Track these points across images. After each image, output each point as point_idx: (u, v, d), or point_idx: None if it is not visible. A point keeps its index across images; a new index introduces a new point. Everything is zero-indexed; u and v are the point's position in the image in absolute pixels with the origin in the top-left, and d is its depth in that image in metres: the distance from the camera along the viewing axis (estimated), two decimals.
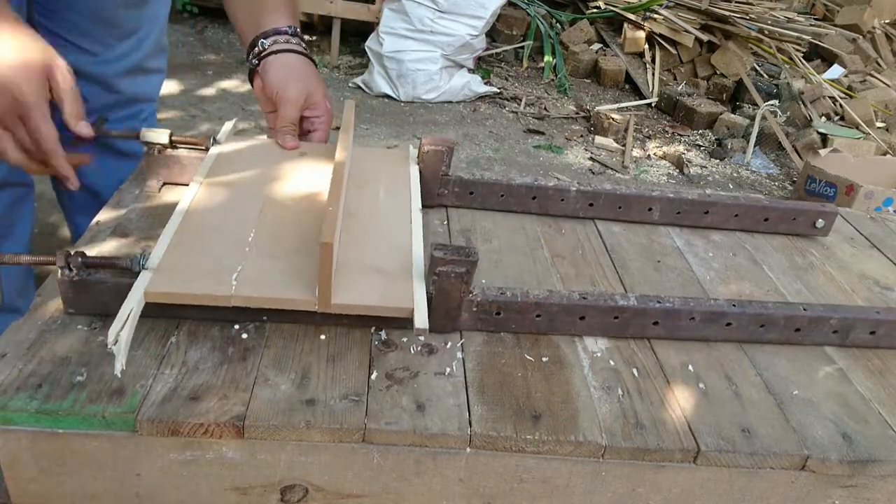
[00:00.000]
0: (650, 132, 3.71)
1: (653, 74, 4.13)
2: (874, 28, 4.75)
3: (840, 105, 3.80)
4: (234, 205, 0.81)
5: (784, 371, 0.78)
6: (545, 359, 0.73)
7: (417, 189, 0.91)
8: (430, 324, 0.72)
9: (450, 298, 0.72)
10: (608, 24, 4.46)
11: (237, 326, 0.71)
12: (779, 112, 3.77)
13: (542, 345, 0.75)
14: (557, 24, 4.48)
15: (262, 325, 0.72)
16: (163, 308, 0.68)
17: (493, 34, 4.27)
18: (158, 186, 0.93)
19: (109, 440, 0.60)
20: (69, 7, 1.13)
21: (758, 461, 0.66)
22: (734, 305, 0.79)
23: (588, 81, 4.25)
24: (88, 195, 1.30)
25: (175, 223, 0.76)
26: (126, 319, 0.62)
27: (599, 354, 0.75)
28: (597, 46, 4.38)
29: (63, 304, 0.69)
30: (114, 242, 0.81)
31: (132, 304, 0.64)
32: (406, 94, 3.55)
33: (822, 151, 3.29)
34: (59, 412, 0.59)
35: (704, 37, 4.11)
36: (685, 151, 3.52)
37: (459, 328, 0.75)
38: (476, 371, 0.70)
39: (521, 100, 3.82)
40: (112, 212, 0.87)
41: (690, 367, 0.76)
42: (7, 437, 0.60)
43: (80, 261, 0.67)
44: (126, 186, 0.94)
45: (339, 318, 0.72)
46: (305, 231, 0.78)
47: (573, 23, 4.44)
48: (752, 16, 4.20)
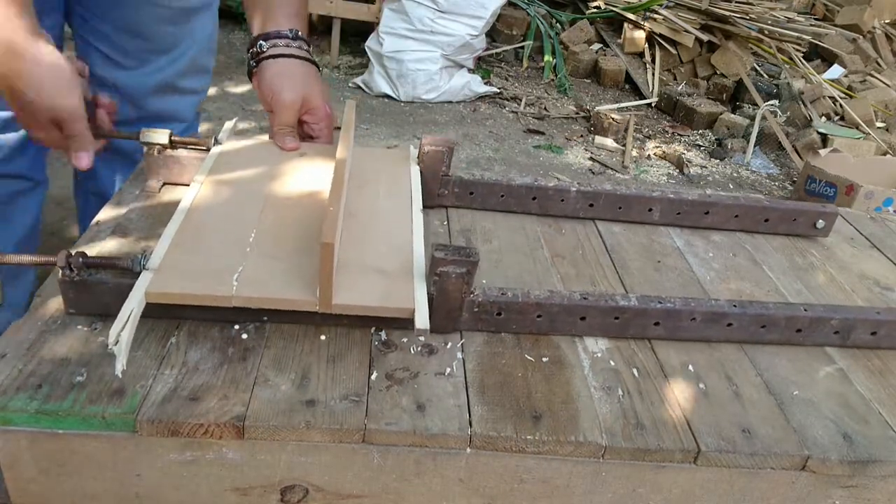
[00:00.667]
0: (650, 132, 3.71)
1: (653, 74, 4.13)
2: (874, 28, 4.75)
3: (840, 105, 3.80)
4: (235, 205, 0.81)
5: (784, 371, 0.78)
6: (545, 359, 0.73)
7: (418, 189, 0.91)
8: (431, 324, 0.72)
9: (451, 299, 0.72)
10: (608, 24, 4.46)
11: (237, 327, 0.71)
12: (779, 112, 3.77)
13: (543, 345, 0.75)
14: (557, 24, 4.48)
15: (262, 326, 0.72)
16: (163, 308, 0.68)
17: (493, 34, 4.27)
18: (158, 186, 0.93)
19: (109, 440, 0.60)
20: (105, 18, 1.12)
21: (758, 461, 0.66)
22: (735, 306, 0.79)
23: (588, 81, 4.25)
24: (99, 199, 1.30)
25: (176, 223, 0.76)
26: (127, 320, 0.62)
27: (600, 355, 0.75)
28: (597, 46, 4.38)
29: (64, 305, 0.69)
30: (114, 242, 0.81)
31: (133, 305, 0.64)
32: (406, 94, 3.55)
33: (822, 151, 3.29)
34: (59, 412, 0.59)
35: (704, 37, 4.11)
36: (685, 151, 3.52)
37: (460, 328, 0.75)
38: (476, 371, 0.70)
39: (521, 100, 3.82)
40: (112, 211, 0.87)
41: (691, 368, 0.76)
42: (7, 438, 0.60)
43: (81, 261, 0.67)
44: (126, 186, 0.94)
45: (340, 319, 0.72)
46: (306, 231, 0.77)
47: (573, 23, 4.44)
48: (752, 16, 4.20)
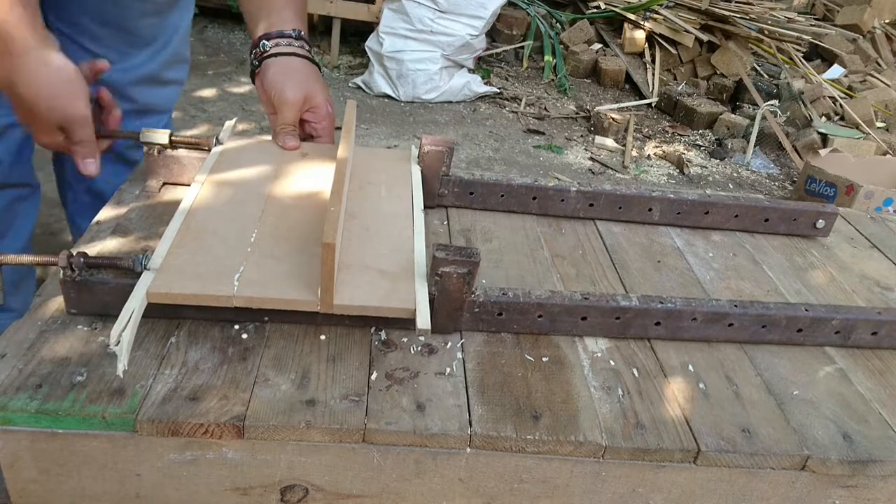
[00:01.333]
0: (650, 132, 3.71)
1: (653, 74, 4.13)
2: (874, 28, 4.75)
3: (840, 105, 3.80)
4: (236, 205, 0.81)
5: (784, 371, 0.78)
6: (545, 359, 0.73)
7: (419, 189, 0.91)
8: (432, 324, 0.72)
9: (452, 299, 0.72)
10: (608, 24, 4.46)
11: (237, 327, 0.71)
12: (779, 112, 3.77)
13: (543, 345, 0.75)
14: (557, 24, 4.48)
15: (262, 326, 0.72)
16: (163, 308, 0.68)
17: (493, 34, 4.27)
18: (158, 186, 0.93)
19: (109, 440, 0.60)
20: (84, 11, 1.11)
21: (758, 461, 0.66)
22: (736, 306, 0.79)
23: (588, 81, 4.25)
24: (93, 198, 1.29)
25: (177, 223, 0.76)
26: (128, 320, 0.62)
27: (600, 355, 0.75)
28: (597, 46, 4.38)
29: (65, 305, 0.69)
30: (114, 242, 0.81)
31: (134, 305, 0.64)
32: (406, 94, 3.55)
33: (822, 151, 3.29)
34: (59, 412, 0.59)
35: (704, 37, 4.11)
36: (685, 151, 3.52)
37: (461, 328, 0.75)
38: (476, 371, 0.70)
39: (521, 100, 3.82)
40: (112, 211, 0.87)
41: (691, 368, 0.76)
42: (7, 438, 0.60)
43: (83, 261, 0.67)
44: (126, 186, 0.94)
45: (340, 319, 0.72)
46: (307, 231, 0.77)
47: (573, 23, 4.44)
48: (752, 16, 4.20)
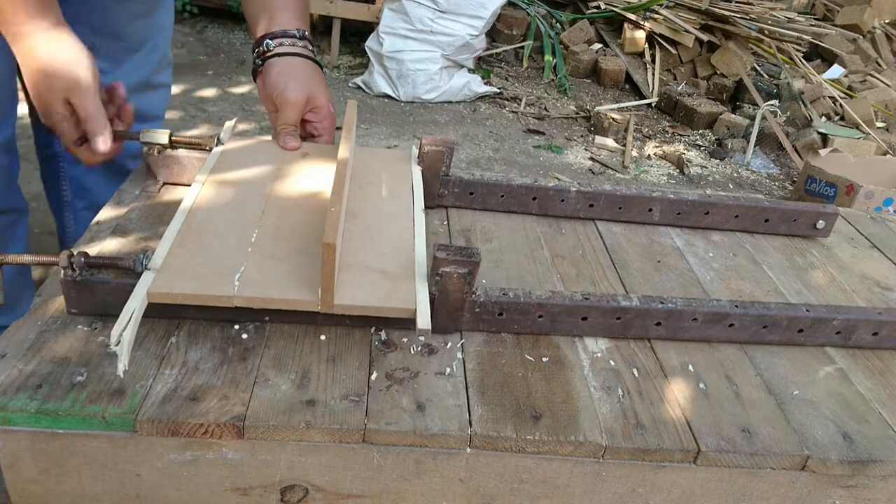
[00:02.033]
0: (650, 132, 3.71)
1: (653, 74, 4.13)
2: (874, 28, 4.75)
3: (840, 105, 3.80)
4: (237, 205, 0.81)
5: (784, 371, 0.78)
6: (545, 359, 0.73)
7: (420, 190, 0.91)
8: (433, 324, 0.72)
9: (452, 299, 0.72)
10: (608, 24, 4.46)
11: (237, 327, 0.71)
12: (779, 112, 3.77)
13: (543, 345, 0.75)
14: (557, 24, 4.48)
15: (262, 326, 0.72)
16: (164, 308, 0.68)
17: (493, 34, 4.27)
18: (158, 186, 0.93)
19: (109, 440, 0.60)
20: (75, 20, 1.06)
21: (758, 461, 0.66)
22: (737, 306, 0.79)
23: (588, 81, 4.25)
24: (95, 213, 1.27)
25: (177, 223, 0.76)
26: (129, 320, 0.62)
27: (600, 355, 0.75)
28: (597, 46, 4.38)
29: (66, 305, 0.69)
30: (114, 242, 0.81)
31: (135, 305, 0.64)
32: (406, 94, 3.55)
33: (822, 151, 3.29)
34: (59, 412, 0.59)
35: (704, 37, 4.11)
36: (685, 151, 3.52)
37: (461, 329, 0.75)
38: (476, 371, 0.70)
39: (521, 100, 3.82)
40: (112, 211, 0.87)
41: (691, 368, 0.76)
42: (7, 438, 0.60)
43: (83, 261, 0.67)
44: (126, 186, 0.94)
45: (340, 319, 0.72)
46: (308, 232, 0.77)
47: (573, 23, 4.44)
48: (752, 16, 4.20)
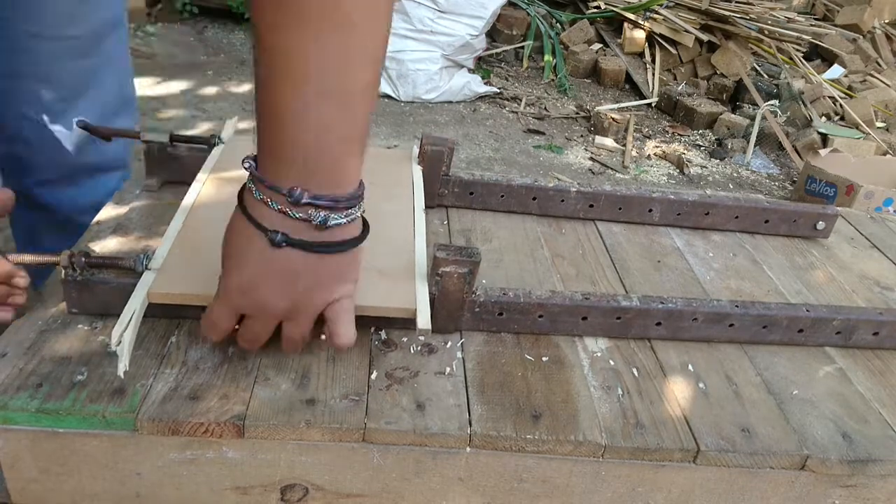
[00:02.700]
0: (650, 132, 3.71)
1: (653, 74, 4.13)
2: (874, 28, 4.75)
3: (840, 105, 3.80)
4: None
5: (784, 371, 0.78)
6: (545, 358, 0.73)
7: (420, 189, 0.91)
8: (433, 324, 0.72)
9: (452, 299, 0.72)
10: (608, 24, 4.46)
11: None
12: (779, 112, 3.77)
13: (542, 344, 0.75)
14: (557, 24, 4.48)
15: None
16: (165, 307, 0.68)
17: (493, 34, 4.27)
18: (158, 185, 0.93)
19: (110, 440, 0.60)
20: (2, 64, 0.92)
21: (758, 461, 0.66)
22: (737, 306, 0.79)
23: (588, 81, 4.25)
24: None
25: (178, 223, 0.76)
26: (129, 320, 0.62)
27: (599, 354, 0.75)
28: (597, 46, 4.38)
29: (66, 304, 0.69)
30: (115, 242, 0.81)
31: (135, 305, 0.64)
32: (406, 94, 3.55)
33: (822, 151, 3.29)
34: (60, 411, 0.59)
35: (704, 37, 4.11)
36: (685, 151, 3.52)
37: (461, 328, 0.75)
38: (476, 371, 0.70)
39: (521, 100, 3.82)
40: (113, 211, 0.87)
41: (690, 367, 0.76)
42: (7, 437, 0.60)
43: (84, 261, 0.67)
44: (126, 186, 0.94)
45: None
46: None
47: (573, 23, 4.44)
48: (752, 16, 4.20)
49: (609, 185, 1.05)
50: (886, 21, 4.92)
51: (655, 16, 4.18)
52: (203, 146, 0.92)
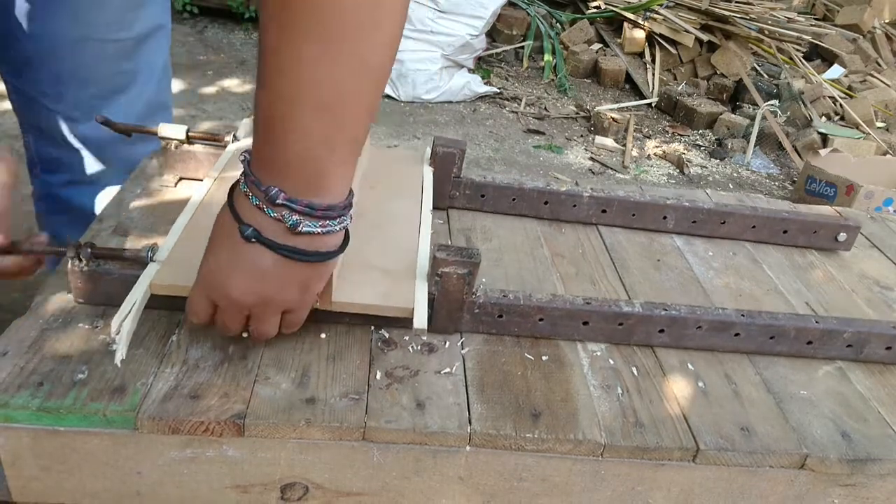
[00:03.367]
0: (650, 132, 3.71)
1: (653, 74, 4.13)
2: (874, 28, 4.75)
3: (840, 105, 3.80)
4: None
5: (783, 370, 0.78)
6: (545, 358, 0.74)
7: (430, 191, 0.91)
8: (432, 325, 0.72)
9: (452, 299, 0.72)
10: (608, 24, 4.46)
11: None
12: (779, 112, 3.77)
13: (542, 344, 0.75)
14: (557, 24, 4.48)
15: None
16: (166, 300, 0.68)
17: (493, 34, 4.27)
18: (175, 181, 0.93)
19: (110, 438, 0.60)
20: (42, 64, 0.93)
21: (757, 460, 0.66)
22: (743, 315, 0.77)
23: (588, 81, 4.25)
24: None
25: (186, 217, 0.77)
26: (130, 310, 0.62)
27: (599, 353, 0.76)
28: (597, 46, 4.38)
29: (73, 295, 0.70)
30: (114, 241, 0.81)
31: (137, 296, 0.64)
32: (406, 94, 3.55)
33: (822, 151, 3.29)
34: (61, 410, 0.59)
35: (704, 37, 4.11)
36: (685, 151, 3.52)
37: (461, 329, 0.75)
38: (476, 370, 0.71)
39: (521, 100, 3.82)
40: (114, 210, 0.87)
41: (690, 366, 0.76)
42: (8, 435, 0.60)
43: (90, 251, 0.67)
44: (128, 185, 0.94)
45: (340, 317, 0.72)
46: None
47: (573, 23, 4.44)
48: (752, 16, 4.20)
49: (622, 191, 1.02)
50: (886, 21, 4.92)
51: (655, 16, 4.18)
52: (219, 144, 0.92)
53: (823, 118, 3.74)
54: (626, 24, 4.26)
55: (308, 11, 0.50)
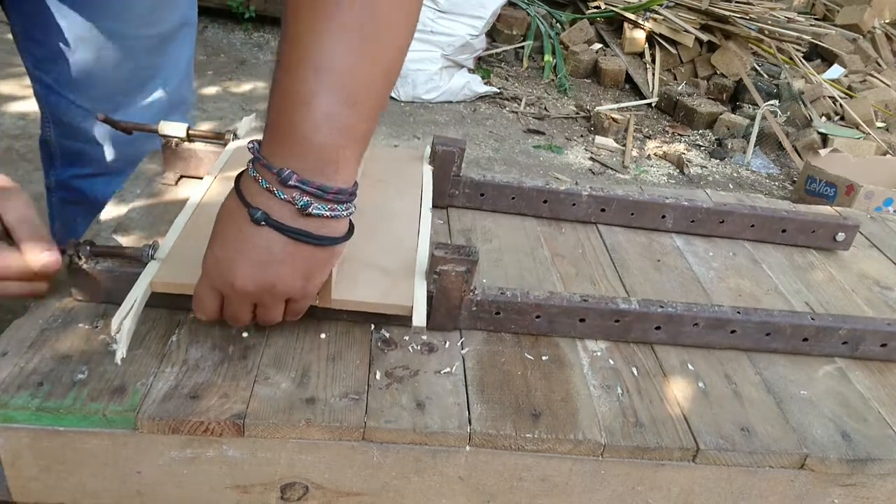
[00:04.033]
0: (650, 132, 3.71)
1: (653, 74, 4.13)
2: (874, 28, 4.75)
3: (840, 105, 3.80)
4: None
5: (783, 370, 0.78)
6: (545, 358, 0.74)
7: (429, 189, 0.91)
8: (431, 322, 0.72)
9: (451, 297, 0.72)
10: (608, 24, 4.46)
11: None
12: (779, 112, 3.78)
13: (542, 344, 0.76)
14: (557, 24, 4.48)
15: None
16: (167, 298, 0.68)
17: (493, 34, 4.27)
18: (175, 179, 0.93)
19: (110, 438, 0.60)
20: (69, 58, 0.94)
21: (757, 460, 0.66)
22: (739, 312, 0.77)
23: (588, 81, 4.25)
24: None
25: (187, 215, 0.77)
26: (130, 308, 0.62)
27: (599, 354, 0.76)
28: (597, 46, 4.38)
29: (73, 293, 0.70)
30: (127, 233, 0.81)
31: (138, 294, 0.64)
32: (406, 94, 3.55)
33: (822, 151, 3.30)
34: (61, 410, 0.59)
35: (704, 37, 4.11)
36: (685, 151, 3.52)
37: (460, 327, 0.75)
38: (476, 370, 0.71)
39: (521, 100, 3.82)
40: (114, 210, 0.87)
41: (690, 366, 0.76)
42: (8, 435, 0.60)
43: (90, 249, 0.67)
44: (128, 185, 0.94)
45: (340, 316, 0.72)
46: None
47: (573, 23, 4.44)
48: (752, 16, 4.20)
49: (621, 190, 1.02)
50: (886, 21, 4.92)
51: (655, 16, 4.19)
52: (219, 142, 0.92)
53: (823, 118, 3.74)
54: (626, 24, 4.26)
55: (356, 10, 0.53)
